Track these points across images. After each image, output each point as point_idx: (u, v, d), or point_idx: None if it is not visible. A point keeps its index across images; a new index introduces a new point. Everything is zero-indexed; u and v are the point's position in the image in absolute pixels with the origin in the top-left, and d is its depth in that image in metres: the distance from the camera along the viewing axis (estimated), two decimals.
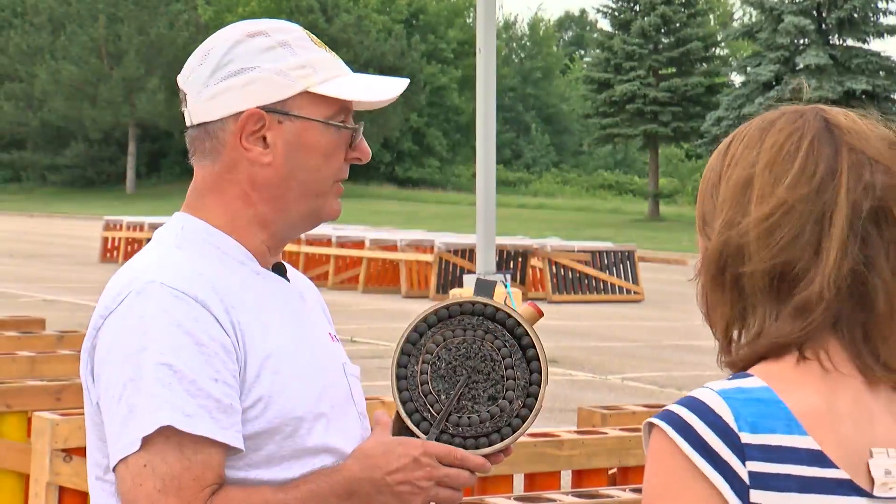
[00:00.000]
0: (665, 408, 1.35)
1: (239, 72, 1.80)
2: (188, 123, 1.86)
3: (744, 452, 1.31)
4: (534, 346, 1.80)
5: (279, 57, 1.81)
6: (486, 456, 1.79)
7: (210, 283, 1.73)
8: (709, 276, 1.42)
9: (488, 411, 1.78)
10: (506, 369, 1.79)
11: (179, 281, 1.72)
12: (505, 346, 1.80)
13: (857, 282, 1.35)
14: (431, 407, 1.78)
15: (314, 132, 1.81)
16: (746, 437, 1.31)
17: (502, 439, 1.78)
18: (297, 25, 1.87)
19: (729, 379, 1.37)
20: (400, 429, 1.81)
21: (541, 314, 1.85)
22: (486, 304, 1.82)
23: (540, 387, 1.79)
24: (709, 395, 1.33)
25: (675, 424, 1.32)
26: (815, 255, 1.35)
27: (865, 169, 1.37)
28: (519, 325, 1.81)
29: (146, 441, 1.66)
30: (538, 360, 1.80)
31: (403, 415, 1.79)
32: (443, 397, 1.78)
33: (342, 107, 1.82)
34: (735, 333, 1.40)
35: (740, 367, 1.39)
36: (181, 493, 1.65)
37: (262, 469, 1.73)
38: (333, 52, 1.88)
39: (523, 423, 1.78)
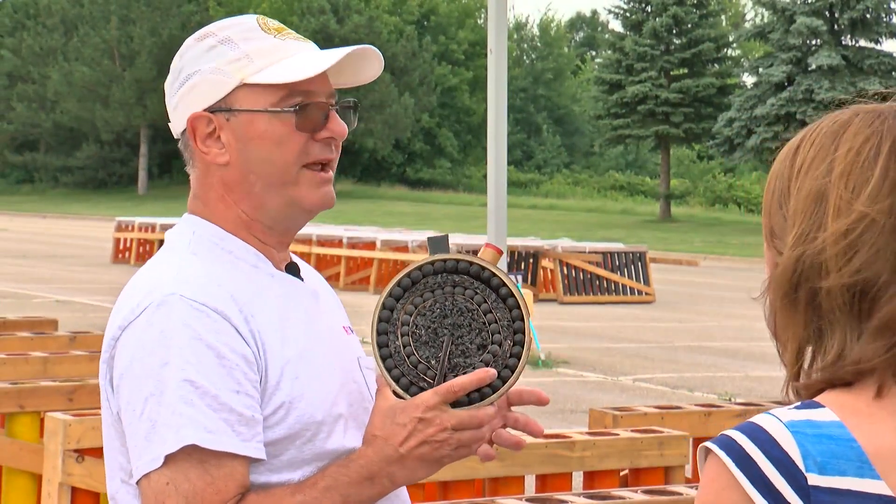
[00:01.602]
0: (724, 433, 1.24)
1: (186, 78, 1.81)
2: (174, 136, 1.87)
3: (809, 495, 1.19)
4: (505, 285, 1.76)
5: (218, 54, 1.79)
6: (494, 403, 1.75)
7: (229, 293, 1.72)
8: (780, 293, 1.28)
9: (482, 360, 1.74)
10: (485, 314, 1.75)
11: (199, 293, 1.71)
12: (477, 293, 1.76)
13: None
14: (424, 375, 1.74)
15: (260, 122, 1.77)
16: (814, 479, 1.20)
17: (504, 382, 1.74)
18: (253, 16, 1.84)
19: (797, 408, 1.25)
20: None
21: (500, 253, 1.81)
22: (444, 260, 1.77)
23: (523, 321, 1.75)
24: (775, 426, 1.22)
25: (736, 455, 1.21)
26: None
27: None
28: (483, 269, 1.77)
29: (169, 458, 1.66)
30: (513, 296, 1.76)
31: (400, 391, 1.74)
32: (433, 362, 1.74)
33: (292, 90, 1.77)
34: (808, 356, 1.28)
35: (812, 393, 1.27)
36: None
37: (283, 473, 1.73)
38: (293, 35, 1.83)
39: (518, 360, 1.75)
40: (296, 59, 1.79)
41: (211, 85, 1.78)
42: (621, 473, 3.88)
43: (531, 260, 19.13)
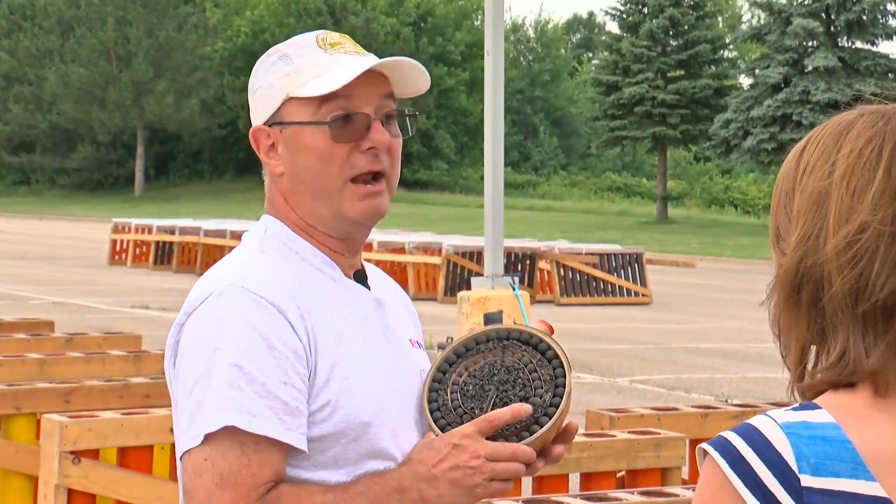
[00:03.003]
0: (720, 434, 1.26)
1: (253, 93, 1.92)
2: None
3: (802, 496, 1.21)
4: (551, 348, 1.86)
5: (275, 70, 1.88)
6: (537, 448, 1.82)
7: (287, 289, 1.79)
8: (783, 295, 1.29)
9: None
10: (530, 373, 1.84)
11: (259, 285, 1.78)
12: (524, 354, 1.86)
13: None
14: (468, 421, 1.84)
15: (305, 134, 1.85)
16: (806, 480, 1.21)
17: (541, 427, 1.82)
18: (315, 33, 1.91)
19: (794, 409, 1.26)
20: None
21: (552, 331, 1.90)
22: (497, 330, 1.89)
23: (565, 377, 1.84)
24: (770, 428, 1.23)
25: (730, 457, 1.23)
26: None
27: None
28: (531, 334, 1.87)
29: (209, 437, 1.72)
30: (557, 357, 1.85)
31: (441, 434, 1.84)
32: (477, 412, 1.83)
33: (332, 102, 1.84)
34: (811, 357, 1.29)
35: (815, 394, 1.28)
36: (237, 489, 1.72)
37: (328, 470, 1.78)
38: (345, 49, 1.88)
39: (557, 409, 1.82)
40: (335, 72, 1.85)
41: (266, 100, 1.89)
42: (618, 475, 3.88)
43: (528, 261, 19.13)
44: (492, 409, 1.82)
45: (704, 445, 1.25)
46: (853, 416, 1.24)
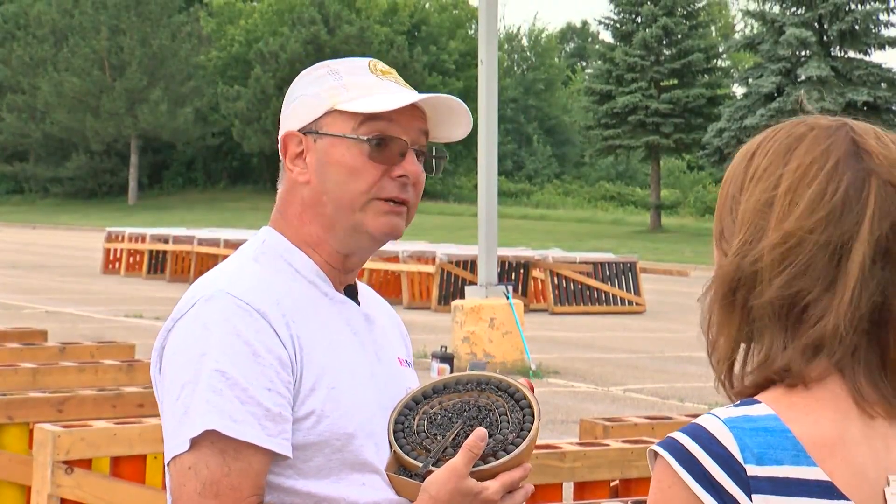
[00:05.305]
0: (669, 435, 1.32)
1: (293, 100, 1.94)
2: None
3: (749, 485, 1.27)
4: (525, 398, 1.89)
5: (321, 82, 1.91)
6: (487, 478, 1.83)
7: (275, 298, 1.81)
8: (719, 295, 1.37)
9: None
10: (500, 415, 1.88)
11: (245, 292, 1.80)
12: (499, 399, 1.90)
13: (874, 314, 1.31)
14: (428, 445, 1.86)
15: (340, 147, 1.87)
16: (752, 469, 1.28)
17: (496, 461, 1.84)
18: (367, 59, 1.94)
19: (735, 406, 1.33)
20: (397, 468, 1.87)
21: (532, 388, 1.94)
22: (478, 376, 1.94)
23: (532, 424, 1.86)
24: (714, 424, 1.30)
25: (678, 455, 1.29)
26: (828, 288, 1.31)
27: (895, 204, 1.31)
28: (510, 384, 1.91)
29: (194, 443, 1.74)
30: (531, 407, 1.88)
31: (399, 451, 1.85)
32: (439, 438, 1.86)
33: (373, 122, 1.87)
34: (739, 357, 1.36)
35: (747, 394, 1.35)
36: (219, 499, 1.73)
37: (310, 479, 1.79)
38: (395, 79, 1.92)
39: (517, 448, 1.84)
40: (386, 95, 1.88)
41: (307, 107, 1.90)
42: (612, 484, 3.88)
43: (522, 270, 19.13)
44: (454, 438, 1.85)
45: (654, 447, 1.31)
46: (791, 407, 1.32)
